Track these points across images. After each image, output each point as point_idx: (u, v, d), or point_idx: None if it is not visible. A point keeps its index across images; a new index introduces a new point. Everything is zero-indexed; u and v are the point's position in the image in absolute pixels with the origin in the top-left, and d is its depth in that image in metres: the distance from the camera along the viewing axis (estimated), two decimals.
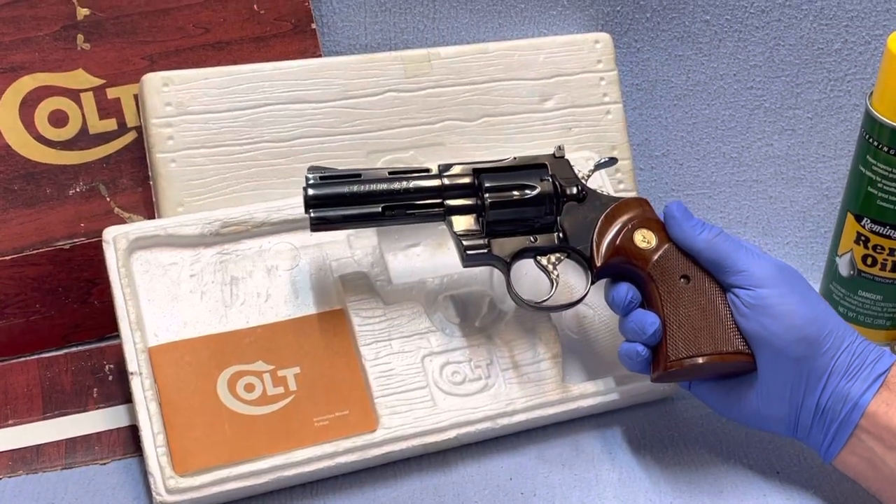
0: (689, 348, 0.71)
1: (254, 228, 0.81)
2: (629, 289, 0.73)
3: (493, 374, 0.79)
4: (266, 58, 0.89)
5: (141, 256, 0.79)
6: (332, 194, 0.74)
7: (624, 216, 0.75)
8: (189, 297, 0.78)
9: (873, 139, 0.82)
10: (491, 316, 0.81)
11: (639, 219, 0.75)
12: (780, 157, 1.01)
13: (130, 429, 0.79)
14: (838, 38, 0.97)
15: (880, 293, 0.87)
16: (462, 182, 0.75)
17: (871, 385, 0.68)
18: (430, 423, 0.75)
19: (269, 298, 0.79)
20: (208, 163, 0.84)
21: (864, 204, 0.85)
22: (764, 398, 0.70)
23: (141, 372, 0.74)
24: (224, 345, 0.76)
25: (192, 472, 0.71)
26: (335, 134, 0.87)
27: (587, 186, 0.76)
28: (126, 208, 0.86)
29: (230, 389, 0.75)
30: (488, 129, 0.91)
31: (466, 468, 0.77)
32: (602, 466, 0.77)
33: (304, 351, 0.77)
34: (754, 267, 0.70)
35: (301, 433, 0.74)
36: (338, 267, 0.81)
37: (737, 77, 0.99)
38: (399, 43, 0.95)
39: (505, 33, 0.96)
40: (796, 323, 0.68)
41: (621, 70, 0.97)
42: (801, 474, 0.76)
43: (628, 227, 0.74)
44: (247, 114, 0.85)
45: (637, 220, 0.75)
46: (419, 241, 0.84)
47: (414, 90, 0.89)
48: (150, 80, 0.83)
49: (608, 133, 0.94)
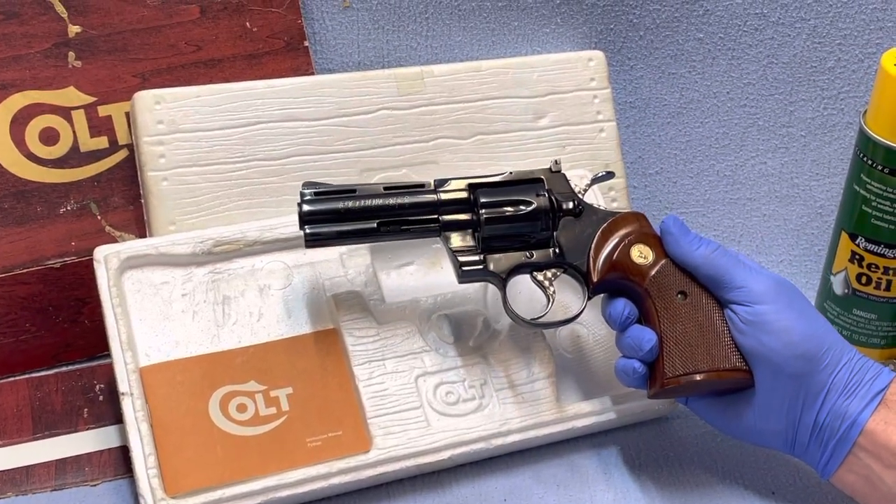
0: (686, 365, 0.70)
1: (246, 247, 0.80)
2: (626, 304, 0.73)
3: (487, 394, 0.78)
4: (259, 75, 0.88)
5: (132, 275, 0.78)
6: (327, 210, 0.73)
7: (621, 231, 0.75)
8: (181, 317, 0.78)
9: (867, 157, 0.82)
10: (485, 335, 0.80)
11: (636, 234, 0.74)
12: (774, 175, 1.01)
13: (121, 449, 0.79)
14: (831, 57, 0.97)
15: (875, 312, 0.87)
16: (457, 197, 0.75)
17: (869, 402, 0.67)
18: (423, 443, 0.75)
19: (261, 318, 0.79)
20: (200, 181, 0.84)
21: (859, 222, 0.84)
22: (761, 414, 0.70)
23: (132, 392, 0.73)
24: (216, 365, 0.76)
25: (184, 494, 0.71)
26: (328, 152, 0.86)
27: (584, 201, 0.76)
28: (117, 227, 0.86)
29: (222, 410, 0.74)
30: (482, 147, 0.90)
31: (461, 489, 0.76)
32: (597, 487, 0.77)
33: (296, 371, 0.76)
34: (752, 283, 0.70)
35: (294, 454, 0.73)
36: (331, 286, 0.80)
37: (730, 95, 0.99)
38: (392, 61, 0.95)
39: (498, 51, 0.96)
40: (794, 339, 0.68)
41: (615, 88, 0.97)
42: (797, 494, 0.76)
43: (625, 243, 0.74)
44: (239, 132, 0.85)
45: (634, 235, 0.74)
46: (413, 259, 0.84)
47: (407, 108, 0.88)
48: (141, 98, 0.83)
49: (602, 151, 0.93)
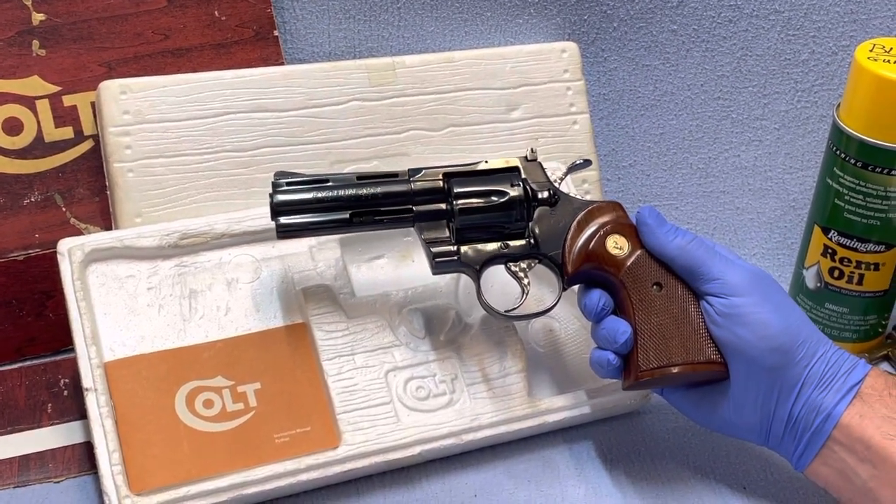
0: (661, 358, 0.70)
1: (214, 240, 0.79)
2: (601, 295, 0.72)
3: (458, 389, 0.77)
4: (227, 65, 0.87)
5: (97, 269, 0.77)
6: (299, 200, 0.72)
7: (596, 221, 0.74)
8: (146, 311, 0.76)
9: (840, 151, 0.82)
10: (456, 329, 0.80)
11: (612, 224, 0.73)
12: (748, 168, 1.00)
13: (86, 445, 0.78)
14: (805, 49, 0.97)
15: (847, 306, 0.87)
16: (431, 187, 0.74)
17: (844, 396, 0.67)
18: (393, 439, 0.74)
19: (229, 312, 0.78)
20: (167, 173, 0.82)
21: (832, 216, 0.84)
22: (736, 407, 0.70)
23: (96, 388, 0.72)
24: (182, 360, 0.75)
25: (149, 491, 0.70)
26: (298, 143, 0.86)
27: (559, 190, 0.75)
28: (82, 219, 0.85)
29: (188, 406, 0.73)
30: (454, 139, 0.90)
31: (431, 485, 0.76)
32: (568, 482, 0.76)
33: (264, 366, 0.76)
34: (728, 274, 0.69)
35: (261, 450, 0.72)
36: (300, 279, 0.79)
37: (704, 87, 0.98)
38: (363, 51, 0.94)
39: (471, 42, 0.95)
40: (770, 333, 0.68)
41: (588, 80, 0.96)
42: (767, 489, 0.76)
43: (601, 233, 0.73)
44: (207, 122, 0.83)
45: (610, 225, 0.73)
46: (383, 252, 0.83)
47: (378, 99, 0.88)
48: (107, 88, 0.82)
49: (575, 143, 0.93)
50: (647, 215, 0.72)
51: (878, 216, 0.82)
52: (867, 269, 0.84)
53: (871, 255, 0.84)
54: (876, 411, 0.67)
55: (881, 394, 0.67)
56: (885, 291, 0.86)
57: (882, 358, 0.89)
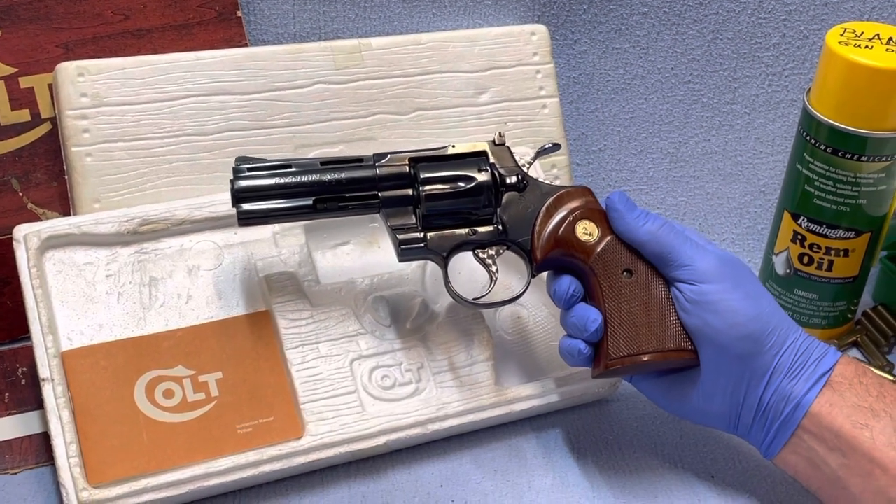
0: (631, 346, 0.69)
1: (174, 226, 0.78)
2: (571, 282, 0.71)
3: (424, 378, 0.76)
4: (189, 47, 0.86)
5: (54, 256, 0.75)
6: (261, 186, 0.70)
7: (565, 207, 0.72)
8: (105, 299, 0.75)
9: (811, 137, 0.81)
10: (423, 318, 0.79)
11: (581, 209, 0.72)
12: (718, 153, 1.00)
13: (43, 436, 0.76)
14: (776, 33, 0.96)
15: (816, 292, 0.86)
16: (397, 172, 0.72)
17: (814, 384, 0.67)
18: (358, 429, 0.73)
19: (190, 300, 0.76)
20: (126, 157, 0.81)
21: (801, 202, 0.84)
22: (706, 395, 0.69)
23: (53, 378, 0.71)
24: (142, 349, 0.73)
25: (107, 483, 0.68)
26: (261, 127, 0.84)
27: (528, 175, 0.74)
28: (40, 204, 0.83)
29: (148, 396, 0.72)
30: (421, 123, 0.88)
31: (397, 475, 0.75)
32: (535, 472, 0.75)
33: (226, 355, 0.74)
34: (698, 261, 0.68)
35: (223, 441, 0.71)
36: (263, 267, 0.78)
37: (674, 71, 0.97)
38: (329, 33, 0.92)
39: (439, 24, 0.94)
40: (739, 320, 0.67)
41: (558, 63, 0.95)
42: (735, 478, 0.75)
43: (570, 219, 0.72)
44: (168, 106, 0.82)
45: (579, 210, 0.72)
46: (349, 239, 0.82)
47: (344, 82, 0.86)
48: (64, 70, 0.80)
49: (544, 127, 0.92)
50: (617, 200, 0.71)
51: (848, 202, 0.81)
52: (837, 256, 0.84)
53: (840, 241, 0.83)
54: (846, 400, 0.66)
55: (851, 382, 0.67)
56: (854, 278, 0.86)
57: (851, 344, 0.89)
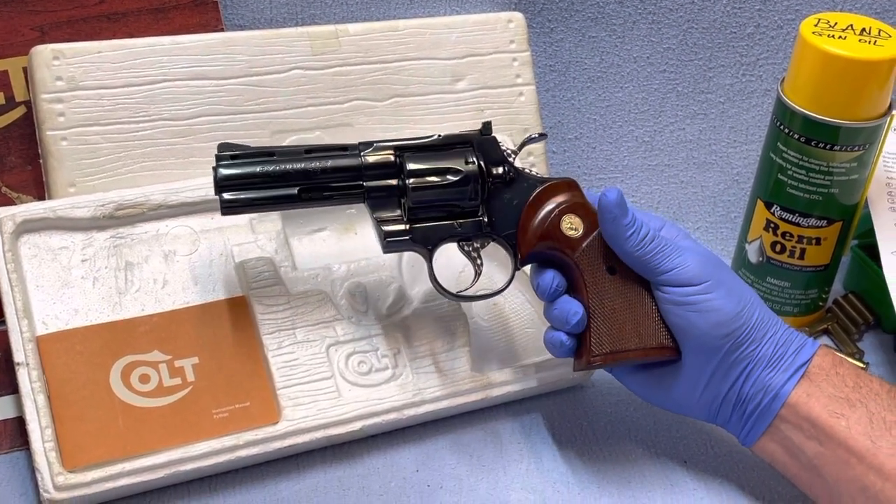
0: (614, 342, 0.69)
1: (150, 211, 0.77)
2: (555, 276, 0.71)
3: (400, 364, 0.77)
4: (165, 31, 0.85)
5: (29, 240, 0.75)
6: (244, 174, 0.69)
7: (551, 200, 0.72)
8: (80, 284, 0.75)
9: (784, 126, 0.82)
10: (399, 303, 0.79)
11: (567, 203, 0.72)
12: (692, 142, 1.00)
13: (18, 420, 0.76)
14: (751, 23, 0.97)
15: (788, 280, 0.87)
16: (383, 161, 0.71)
17: (792, 375, 0.68)
18: (334, 414, 0.73)
19: (166, 285, 0.76)
20: (102, 141, 0.80)
21: (774, 191, 0.84)
22: (687, 388, 0.70)
23: (28, 363, 0.70)
24: (117, 334, 0.73)
25: (83, 468, 0.68)
26: (237, 112, 0.84)
27: (514, 166, 0.73)
28: (14, 188, 0.82)
29: (124, 381, 0.72)
30: (398, 109, 0.88)
31: (373, 460, 0.75)
32: (510, 457, 0.76)
33: (203, 340, 0.74)
34: (680, 265, 0.68)
35: (199, 426, 0.71)
36: (239, 252, 0.78)
37: (650, 60, 0.98)
38: (306, 18, 0.92)
39: (416, 10, 0.93)
40: (722, 319, 0.68)
41: (534, 51, 0.95)
42: (708, 463, 0.76)
43: (555, 213, 0.71)
44: (143, 90, 0.81)
45: (565, 204, 0.72)
46: (325, 225, 0.82)
47: (321, 68, 0.86)
48: (39, 53, 0.79)
49: (521, 115, 0.92)
50: (613, 203, 0.69)
51: (821, 191, 0.82)
52: (809, 244, 0.85)
53: (812, 229, 0.84)
54: (823, 390, 0.67)
55: (828, 373, 0.68)
56: (826, 266, 0.87)
57: (822, 332, 0.90)
